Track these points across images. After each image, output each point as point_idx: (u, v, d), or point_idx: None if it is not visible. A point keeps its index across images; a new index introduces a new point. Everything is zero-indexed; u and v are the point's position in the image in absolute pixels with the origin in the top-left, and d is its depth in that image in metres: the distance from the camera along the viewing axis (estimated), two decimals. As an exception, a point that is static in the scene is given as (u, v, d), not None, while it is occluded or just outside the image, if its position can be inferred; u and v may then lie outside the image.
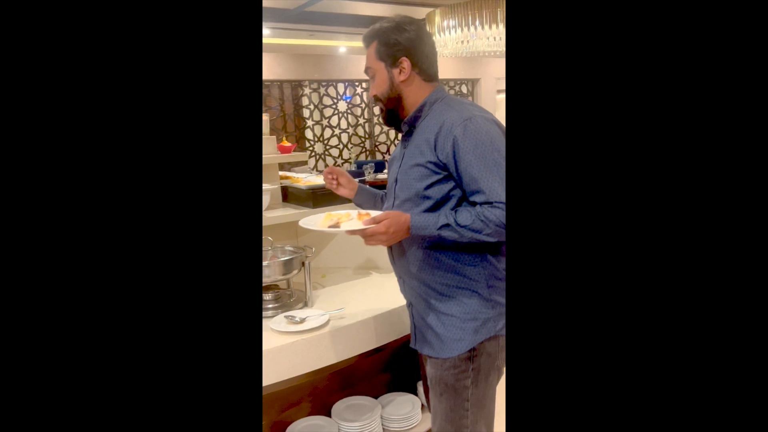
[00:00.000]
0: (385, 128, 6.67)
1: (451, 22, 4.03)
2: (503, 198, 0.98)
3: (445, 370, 1.09)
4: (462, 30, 3.95)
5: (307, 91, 6.23)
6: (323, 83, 6.31)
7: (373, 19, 3.44)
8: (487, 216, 0.98)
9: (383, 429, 1.54)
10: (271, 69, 5.99)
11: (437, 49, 1.15)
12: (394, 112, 1.14)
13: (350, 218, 1.14)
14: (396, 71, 1.10)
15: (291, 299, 1.51)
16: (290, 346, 1.26)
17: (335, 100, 6.40)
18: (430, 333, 1.12)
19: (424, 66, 1.11)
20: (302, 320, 1.34)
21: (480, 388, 1.09)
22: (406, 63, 1.08)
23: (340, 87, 6.41)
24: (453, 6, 4.00)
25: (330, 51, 6.20)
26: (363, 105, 6.68)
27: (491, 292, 1.06)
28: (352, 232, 1.07)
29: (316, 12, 4.55)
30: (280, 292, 1.54)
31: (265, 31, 5.00)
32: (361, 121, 6.74)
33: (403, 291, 1.21)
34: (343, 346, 1.34)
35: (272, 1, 4.16)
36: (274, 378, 1.24)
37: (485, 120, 1.02)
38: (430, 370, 1.14)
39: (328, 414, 1.54)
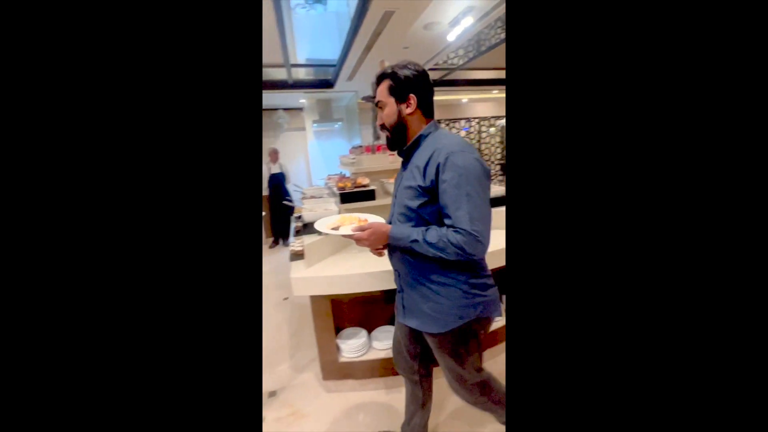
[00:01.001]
0: (488, 143, 8.45)
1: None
2: (466, 226, 1.01)
3: (440, 341, 1.20)
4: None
5: (443, 125, 5.92)
6: (453, 120, 8.20)
7: (481, 82, 6.39)
8: (449, 239, 1.03)
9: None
10: (424, 114, 8.74)
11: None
12: (397, 139, 1.19)
13: (351, 222, 1.24)
14: (404, 105, 1.15)
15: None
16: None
17: (459, 130, 8.25)
18: (423, 315, 1.19)
19: (426, 103, 1.16)
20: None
21: (470, 347, 1.21)
22: (413, 99, 1.14)
23: (463, 122, 8.31)
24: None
25: (457, 102, 7.99)
26: (474, 132, 8.34)
27: (470, 287, 1.14)
28: (346, 236, 1.17)
29: (449, 80, 6.03)
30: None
31: (422, 93, 7.17)
32: (474, 142, 8.39)
33: (396, 280, 1.28)
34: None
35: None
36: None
37: (465, 155, 1.05)
38: (428, 338, 1.24)
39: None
